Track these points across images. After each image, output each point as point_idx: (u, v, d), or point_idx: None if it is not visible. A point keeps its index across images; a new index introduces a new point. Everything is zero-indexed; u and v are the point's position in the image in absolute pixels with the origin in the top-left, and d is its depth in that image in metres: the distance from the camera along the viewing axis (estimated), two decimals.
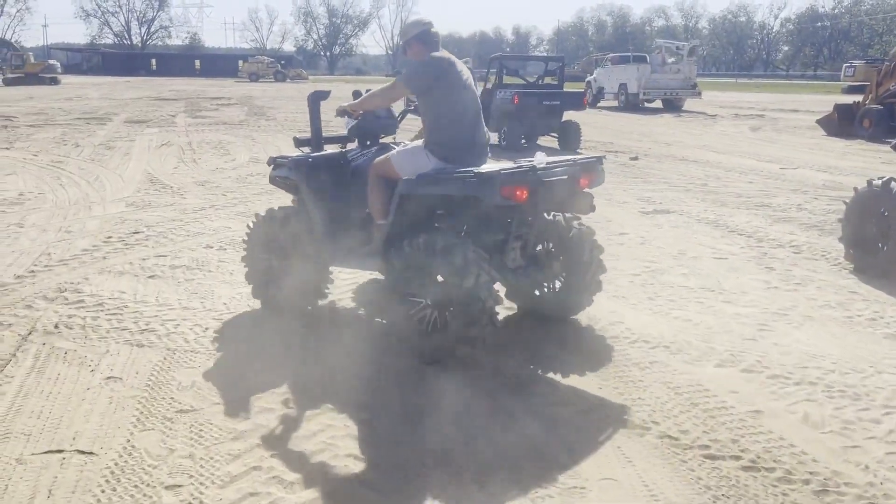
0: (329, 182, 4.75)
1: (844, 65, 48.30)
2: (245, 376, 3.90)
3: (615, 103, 28.02)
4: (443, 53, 4.37)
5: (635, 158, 13.40)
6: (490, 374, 3.95)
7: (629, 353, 4.25)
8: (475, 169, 3.95)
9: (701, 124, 21.44)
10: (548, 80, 15.77)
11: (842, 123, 17.49)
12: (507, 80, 15.84)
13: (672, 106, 27.09)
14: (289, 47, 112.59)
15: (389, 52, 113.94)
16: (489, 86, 15.06)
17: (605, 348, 4.32)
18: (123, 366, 3.99)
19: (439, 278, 4.01)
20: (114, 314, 4.80)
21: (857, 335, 4.53)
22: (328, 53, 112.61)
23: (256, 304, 4.99)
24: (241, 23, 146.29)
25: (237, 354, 4.21)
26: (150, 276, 5.65)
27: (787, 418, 3.45)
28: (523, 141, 14.67)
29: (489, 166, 4.08)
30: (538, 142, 15.31)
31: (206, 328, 4.60)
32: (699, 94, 27.25)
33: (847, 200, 6.06)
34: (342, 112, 4.67)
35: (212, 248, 6.54)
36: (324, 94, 4.98)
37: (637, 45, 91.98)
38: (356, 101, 4.64)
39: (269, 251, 4.93)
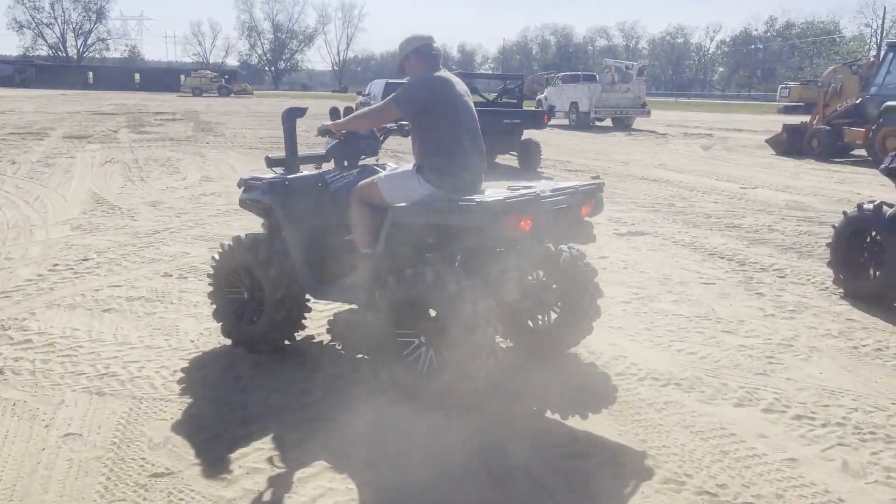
0: (306, 206, 4.37)
1: (780, 86, 49.94)
2: (225, 429, 3.46)
3: (566, 122, 28.16)
4: (442, 72, 4.05)
5: (597, 178, 13.29)
6: (498, 422, 3.60)
7: (640, 392, 3.97)
8: (477, 198, 3.63)
9: (654, 143, 21.63)
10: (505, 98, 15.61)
11: (790, 143, 17.83)
12: None
13: (622, 124, 27.38)
14: (232, 62, 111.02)
15: (336, 67, 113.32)
16: None
17: (613, 387, 4.03)
18: (83, 419, 3.51)
19: (432, 313, 3.68)
20: (67, 356, 4.29)
21: (868, 367, 4.35)
22: (273, 68, 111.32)
23: (228, 340, 4.55)
24: (183, 36, 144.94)
25: (213, 402, 3.76)
26: (105, 310, 5.13)
27: (825, 467, 3.21)
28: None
29: (490, 194, 3.76)
30: (496, 160, 15.12)
31: (175, 371, 4.14)
32: (648, 112, 27.61)
33: (836, 224, 5.95)
34: (325, 131, 4.30)
35: (171, 276, 6.04)
36: (300, 111, 4.61)
37: (580, 64, 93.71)
38: (340, 120, 4.28)
39: (240, 284, 4.52)
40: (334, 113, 4.73)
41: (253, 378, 4.07)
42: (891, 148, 15.27)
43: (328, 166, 4.74)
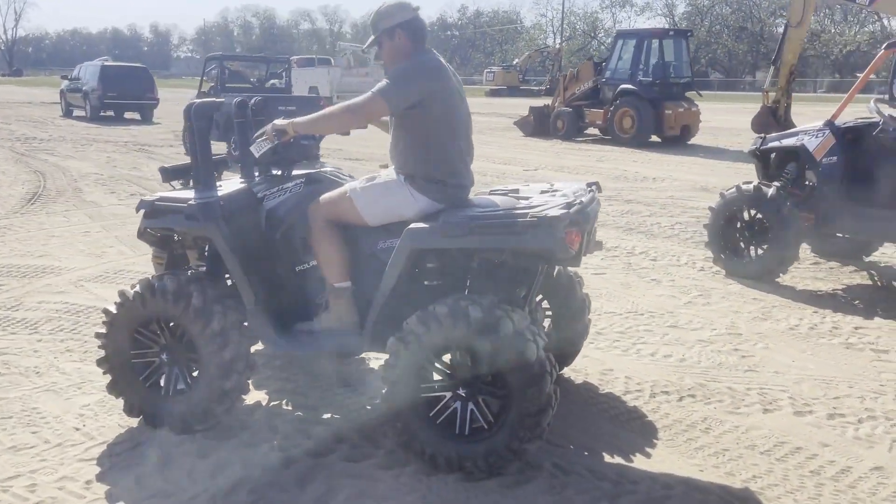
0: (248, 233, 3.33)
1: (486, 70, 53.65)
2: None
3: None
4: (433, 53, 3.24)
5: (385, 166, 12.78)
6: (549, 474, 2.98)
7: (667, 410, 3.60)
8: (531, 211, 2.92)
9: None
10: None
11: (537, 125, 18.93)
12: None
13: None
14: None
15: (3, 47, 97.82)
16: (206, 89, 13.27)
17: (635, 409, 3.62)
18: None
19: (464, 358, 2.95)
20: None
21: (835, 351, 4.43)
22: None
23: (130, 419, 3.32)
24: None
25: None
26: None
27: None
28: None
29: (533, 203, 3.07)
30: None
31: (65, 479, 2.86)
32: None
33: (713, 206, 6.13)
34: (280, 133, 3.25)
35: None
36: (215, 106, 3.51)
37: (285, 47, 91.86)
38: (301, 119, 3.26)
39: (151, 343, 3.31)
40: (242, 107, 3.69)
41: (181, 476, 2.95)
42: (627, 127, 16.94)
43: (232, 177, 3.70)
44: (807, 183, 6.00)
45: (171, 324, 3.26)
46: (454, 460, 2.94)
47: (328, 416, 3.52)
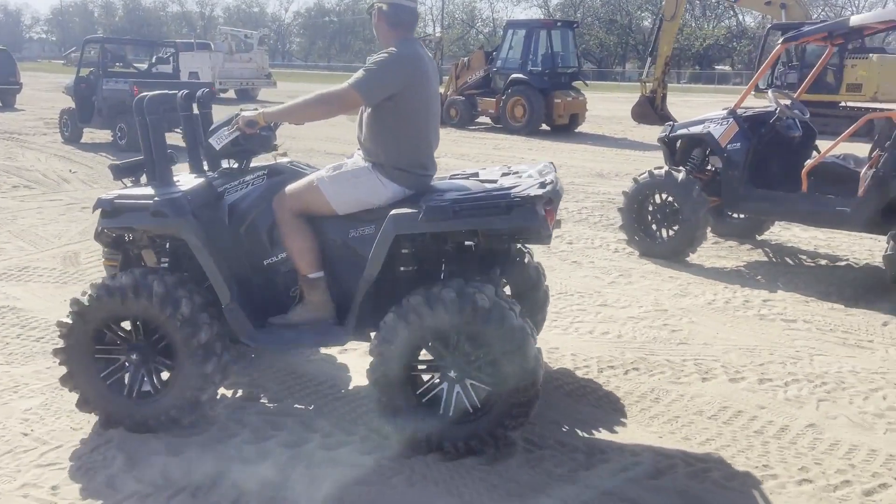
0: (212, 227, 3.23)
1: (368, 57, 53.14)
2: None
3: None
4: (415, 43, 3.24)
5: (284, 154, 12.52)
6: (524, 449, 3.11)
7: (618, 384, 3.81)
8: (510, 190, 2.99)
9: None
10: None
11: None
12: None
13: (247, 96, 26.29)
14: None
15: None
16: (86, 73, 12.50)
17: (583, 383, 3.82)
18: None
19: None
20: None
21: (751, 322, 4.80)
22: None
23: (81, 421, 3.15)
24: None
25: None
26: None
27: (847, 426, 3.43)
28: None
29: (504, 185, 3.13)
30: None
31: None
32: (274, 83, 26.95)
33: (627, 191, 6.45)
34: (251, 123, 3.16)
35: None
36: (166, 98, 3.39)
37: (153, 31, 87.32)
38: (273, 109, 3.19)
39: (114, 345, 3.19)
40: (188, 98, 3.58)
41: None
42: (518, 115, 17.36)
43: (184, 171, 3.59)
44: (710, 168, 6.42)
45: (145, 324, 3.12)
46: (434, 439, 3.00)
47: (295, 406, 3.48)
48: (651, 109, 18.84)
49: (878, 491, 2.90)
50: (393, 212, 3.02)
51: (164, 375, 3.20)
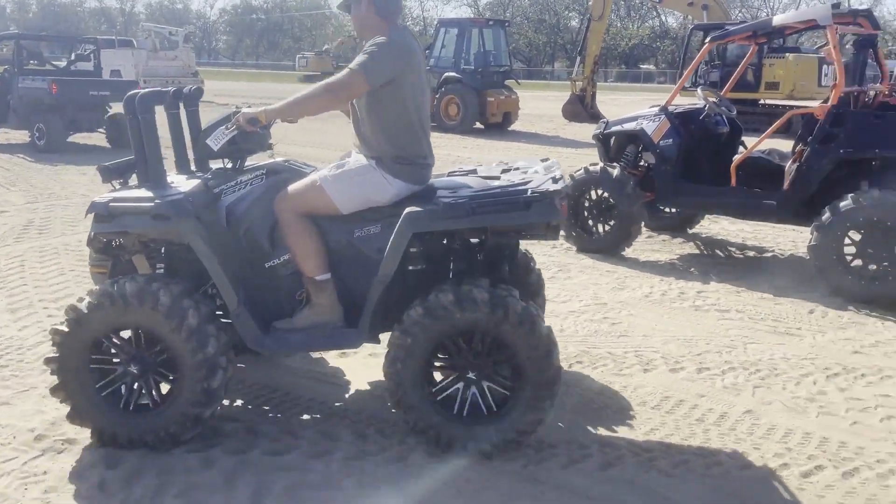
0: (213, 230, 3.10)
1: (298, 56, 52.46)
2: None
3: None
4: (407, 31, 3.22)
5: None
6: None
7: (564, 378, 3.83)
8: (529, 186, 2.97)
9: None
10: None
11: None
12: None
13: None
14: None
15: None
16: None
17: None
18: None
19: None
20: None
21: (687, 313, 4.93)
22: None
23: (78, 437, 3.00)
24: None
25: None
26: None
27: (782, 411, 3.55)
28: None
29: (520, 179, 3.12)
30: (76, 140, 12.74)
31: None
32: (201, 82, 26.19)
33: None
34: (253, 121, 3.04)
35: None
36: (160, 96, 3.29)
37: (69, 27, 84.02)
38: (276, 105, 3.07)
39: (110, 358, 3.05)
40: (176, 96, 3.47)
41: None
42: (453, 114, 17.41)
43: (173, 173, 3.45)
44: (644, 164, 6.57)
45: (147, 333, 2.98)
46: (444, 438, 3.00)
47: (237, 412, 3.39)
48: (581, 108, 19.20)
49: (815, 473, 3.01)
50: (408, 209, 2.95)
51: (164, 388, 3.07)
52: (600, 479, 2.93)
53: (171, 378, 3.00)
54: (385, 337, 3.11)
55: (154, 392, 3.03)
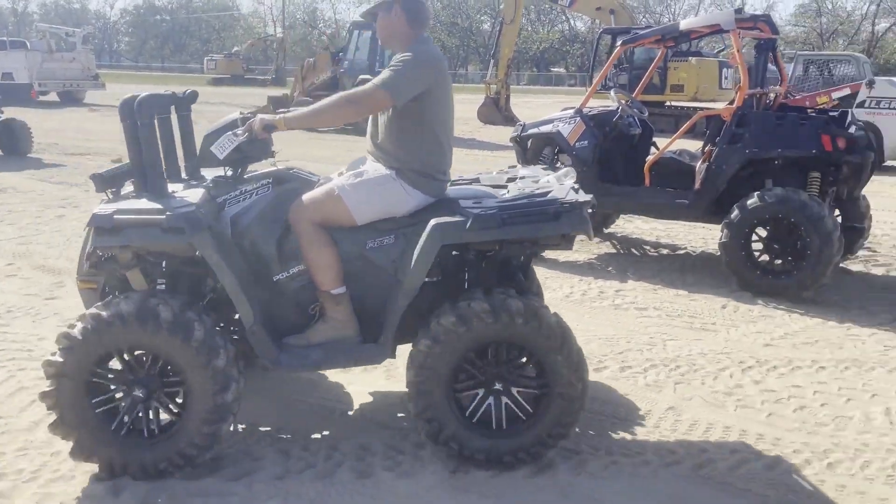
0: (223, 241, 2.91)
1: (206, 58, 51.04)
2: None
3: None
4: (432, 41, 3.11)
5: (118, 160, 11.71)
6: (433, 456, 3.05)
7: None
8: (545, 194, 2.94)
9: None
10: None
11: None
12: None
13: (71, 98, 24.37)
14: None
15: None
16: None
17: None
18: None
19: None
20: None
21: (607, 312, 5.02)
22: None
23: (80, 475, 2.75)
24: None
25: None
26: None
27: (702, 406, 3.64)
28: None
29: (537, 189, 3.08)
30: None
31: None
32: (103, 85, 25.10)
33: None
34: (269, 127, 2.90)
35: None
36: (163, 100, 3.10)
37: None
38: (293, 113, 2.94)
39: (110, 383, 2.83)
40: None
41: None
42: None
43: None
44: (560, 165, 6.64)
45: (149, 354, 2.78)
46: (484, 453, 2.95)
47: None
48: (496, 110, 19.42)
49: (740, 466, 3.08)
50: (435, 221, 2.86)
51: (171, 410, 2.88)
52: (533, 488, 2.90)
53: (179, 399, 2.83)
54: (398, 349, 3.08)
55: (161, 416, 2.85)
